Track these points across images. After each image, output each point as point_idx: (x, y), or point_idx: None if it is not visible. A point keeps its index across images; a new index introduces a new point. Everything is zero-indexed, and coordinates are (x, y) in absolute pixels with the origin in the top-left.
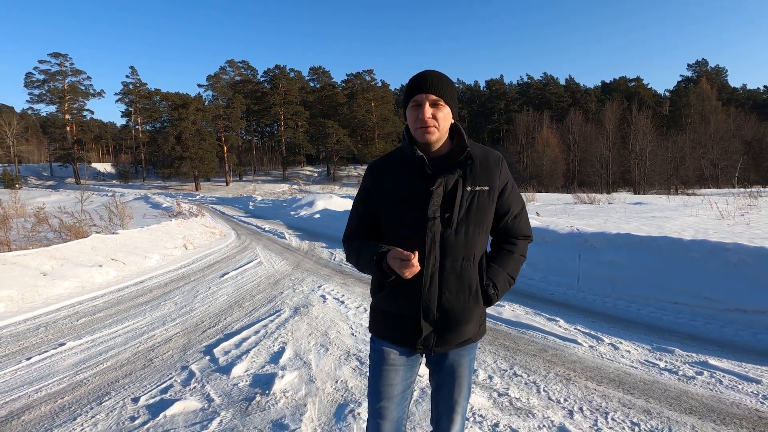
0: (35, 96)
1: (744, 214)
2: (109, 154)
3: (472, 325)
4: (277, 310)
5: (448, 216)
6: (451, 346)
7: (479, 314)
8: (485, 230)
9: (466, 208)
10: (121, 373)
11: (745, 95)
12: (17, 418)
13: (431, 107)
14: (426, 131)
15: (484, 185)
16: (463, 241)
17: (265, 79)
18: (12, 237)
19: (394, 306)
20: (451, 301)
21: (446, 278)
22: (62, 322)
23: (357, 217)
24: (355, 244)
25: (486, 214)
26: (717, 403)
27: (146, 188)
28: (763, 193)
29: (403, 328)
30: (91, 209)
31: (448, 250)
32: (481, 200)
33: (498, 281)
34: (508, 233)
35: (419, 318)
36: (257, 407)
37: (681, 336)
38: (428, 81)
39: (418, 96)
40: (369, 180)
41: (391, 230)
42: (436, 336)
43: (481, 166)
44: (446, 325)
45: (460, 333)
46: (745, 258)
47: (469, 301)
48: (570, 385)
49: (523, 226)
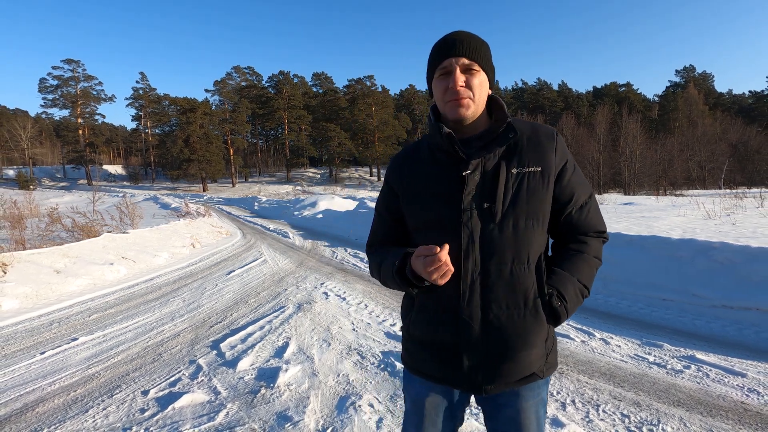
0: (49, 101)
1: (730, 214)
2: (119, 157)
3: (535, 352)
4: (281, 307)
5: (489, 206)
6: (508, 384)
7: (543, 337)
8: (542, 224)
9: (512, 195)
10: (131, 366)
11: (730, 100)
12: (32, 410)
13: (463, 74)
14: (458, 104)
15: (535, 165)
16: (511, 238)
17: (270, 84)
18: (27, 236)
19: (425, 329)
20: (501, 318)
21: (492, 287)
22: (75, 318)
23: (380, 220)
24: (377, 253)
25: (541, 203)
26: (704, 395)
27: (155, 189)
28: (749, 194)
29: (441, 360)
30: (103, 209)
31: (492, 250)
32: (533, 184)
33: (565, 290)
34: (575, 229)
35: (458, 343)
36: (262, 400)
37: (669, 331)
38: (458, 42)
39: (446, 61)
40: (391, 175)
41: (420, 233)
42: (484, 368)
43: (530, 142)
44: (498, 353)
45: (518, 364)
46: (731, 256)
47: (527, 318)
48: (563, 378)
49: (593, 219)
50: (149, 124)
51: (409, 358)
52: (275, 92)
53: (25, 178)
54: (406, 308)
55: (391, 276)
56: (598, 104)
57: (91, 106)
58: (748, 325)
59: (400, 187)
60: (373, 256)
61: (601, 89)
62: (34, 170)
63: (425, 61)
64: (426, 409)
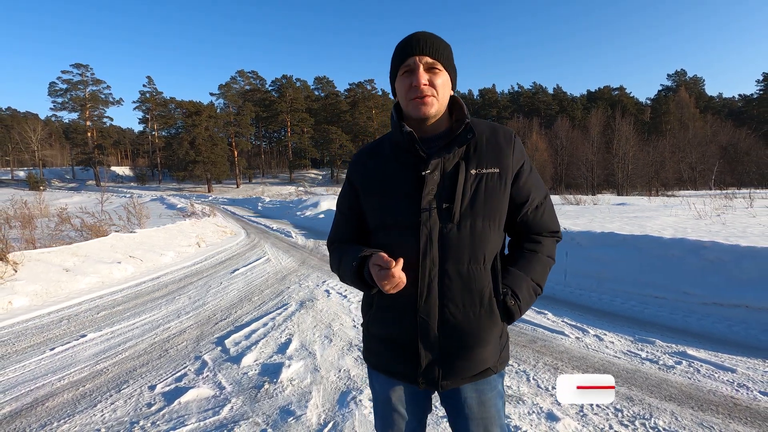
0: (58, 104)
1: (720, 214)
2: (127, 158)
3: (490, 348)
4: (284, 304)
5: (448, 207)
6: (464, 379)
7: (497, 334)
8: (498, 224)
9: (470, 196)
10: (138, 362)
11: (721, 103)
12: (41, 405)
13: (426, 72)
14: (422, 102)
15: (493, 167)
16: (468, 239)
17: (273, 88)
18: (37, 235)
19: (385, 327)
20: (456, 316)
21: (449, 287)
22: (84, 315)
23: (341, 216)
24: (337, 250)
25: (498, 204)
26: (695, 390)
27: (162, 190)
28: (738, 195)
29: (400, 356)
30: (111, 210)
31: (449, 250)
32: (490, 186)
33: (519, 289)
34: (530, 228)
35: (416, 341)
36: (266, 394)
37: (661, 328)
38: (422, 41)
39: (410, 60)
40: (353, 171)
41: (379, 231)
42: (441, 365)
43: (489, 144)
44: (454, 350)
45: (474, 360)
46: (721, 255)
47: (482, 316)
48: (558, 373)
49: (547, 219)
50: (156, 127)
51: (369, 354)
52: (278, 96)
53: (35, 179)
54: (365, 306)
55: (350, 276)
56: (592, 107)
57: (100, 109)
58: (737, 322)
59: (361, 184)
60: (333, 253)
61: (595, 93)
62: (44, 171)
63: None
64: (392, 402)
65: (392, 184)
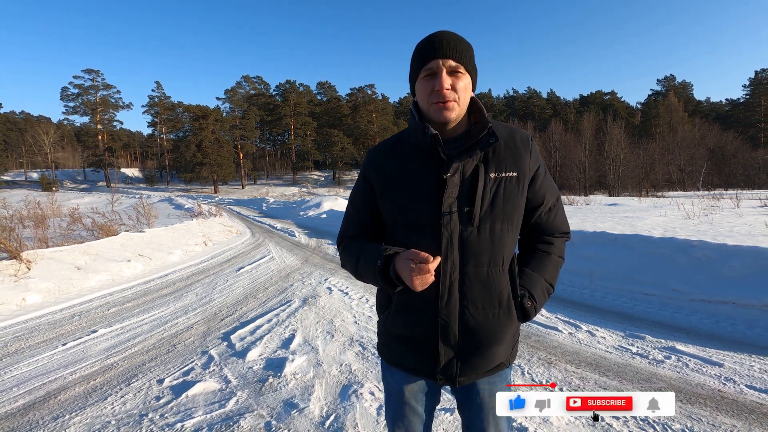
0: (70, 108)
1: (708, 214)
2: (136, 160)
3: (504, 346)
4: (287, 301)
5: (469, 210)
6: (479, 375)
7: (512, 333)
8: (515, 227)
9: (490, 199)
10: (147, 357)
11: (708, 107)
12: (54, 398)
13: (449, 76)
14: (444, 107)
15: (512, 171)
16: (488, 242)
17: (277, 92)
18: (49, 235)
19: (405, 327)
20: (476, 317)
21: (469, 289)
22: (94, 312)
23: (355, 214)
24: (354, 247)
25: (515, 207)
26: (684, 384)
27: (170, 191)
28: (725, 196)
29: (418, 354)
30: (121, 210)
31: (470, 253)
32: (509, 189)
33: (535, 290)
34: (543, 230)
35: (437, 341)
36: (270, 388)
37: (651, 324)
38: (445, 43)
39: (433, 62)
40: (369, 167)
41: (396, 230)
42: (459, 363)
43: (507, 148)
44: (472, 349)
45: (490, 358)
46: (709, 253)
47: (500, 317)
48: (551, 368)
49: (559, 221)
50: (164, 130)
51: (386, 350)
52: (282, 100)
53: (47, 181)
54: (382, 303)
55: (373, 275)
56: (585, 111)
57: (110, 113)
58: (724, 318)
59: (378, 182)
60: (347, 251)
61: (588, 97)
62: (56, 173)
63: None
64: (405, 396)
65: (411, 184)
